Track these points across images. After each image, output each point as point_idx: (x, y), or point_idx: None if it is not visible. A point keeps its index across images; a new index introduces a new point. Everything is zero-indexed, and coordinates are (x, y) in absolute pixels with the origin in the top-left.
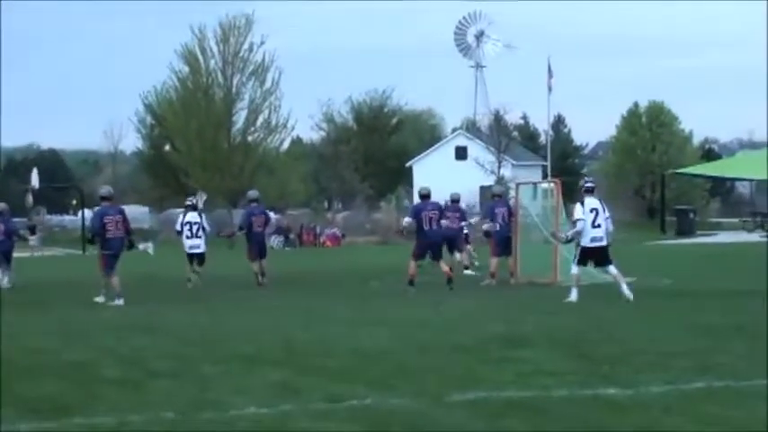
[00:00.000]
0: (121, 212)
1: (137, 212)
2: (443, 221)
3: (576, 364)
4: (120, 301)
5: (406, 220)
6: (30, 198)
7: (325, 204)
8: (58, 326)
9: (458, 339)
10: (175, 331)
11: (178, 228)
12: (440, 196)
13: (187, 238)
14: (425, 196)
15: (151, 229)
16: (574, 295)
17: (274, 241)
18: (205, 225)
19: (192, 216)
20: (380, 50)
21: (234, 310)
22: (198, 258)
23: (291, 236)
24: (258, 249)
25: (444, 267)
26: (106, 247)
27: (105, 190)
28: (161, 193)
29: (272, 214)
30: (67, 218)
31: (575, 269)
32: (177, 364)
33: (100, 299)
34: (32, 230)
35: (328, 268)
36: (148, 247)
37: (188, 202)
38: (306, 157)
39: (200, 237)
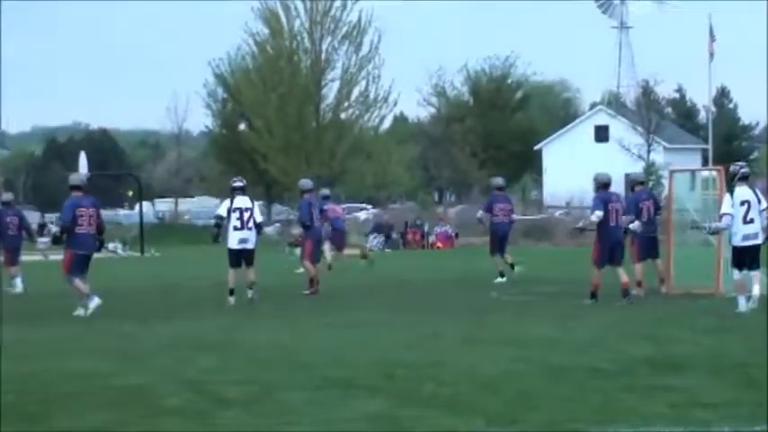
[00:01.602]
0: (95, 206)
1: (205, 205)
2: (625, 218)
3: (743, 393)
4: (82, 312)
5: (597, 213)
6: None
7: (435, 197)
8: (109, 344)
9: (595, 362)
10: (250, 351)
11: (223, 213)
12: (574, 185)
13: (235, 229)
14: (606, 185)
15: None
16: (742, 305)
17: (373, 241)
18: (257, 216)
19: (243, 201)
20: (501, 8)
21: (321, 325)
22: (246, 258)
23: (393, 235)
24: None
25: (623, 276)
26: (75, 245)
27: (77, 178)
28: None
29: (369, 208)
30: (122, 212)
31: (736, 275)
32: (252, 391)
33: (81, 312)
34: (42, 229)
35: (438, 275)
36: (117, 247)
37: (236, 184)
38: (411, 139)
39: (251, 229)
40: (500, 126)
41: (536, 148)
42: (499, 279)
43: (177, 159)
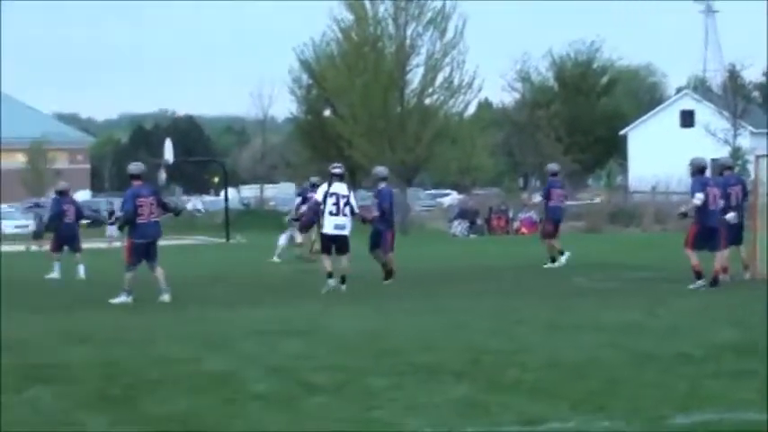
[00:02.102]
0: (155, 194)
1: (290, 192)
2: (721, 202)
3: None
4: (167, 297)
5: (698, 196)
6: (162, 175)
7: (520, 182)
8: (195, 330)
9: (681, 348)
10: (336, 337)
11: (319, 198)
12: (659, 171)
13: (331, 214)
14: (703, 169)
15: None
16: None
17: (457, 227)
18: (353, 203)
19: (339, 187)
20: None
21: (407, 311)
22: (340, 245)
23: (478, 221)
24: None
25: (719, 262)
26: (136, 235)
27: (136, 167)
28: (319, 167)
29: (454, 193)
30: (207, 198)
31: None
32: (338, 377)
33: (120, 298)
34: (110, 215)
35: (522, 261)
36: (197, 204)
37: (335, 170)
38: (496, 125)
39: (346, 215)
40: (585, 111)
41: (621, 133)
42: (549, 264)
43: (262, 146)
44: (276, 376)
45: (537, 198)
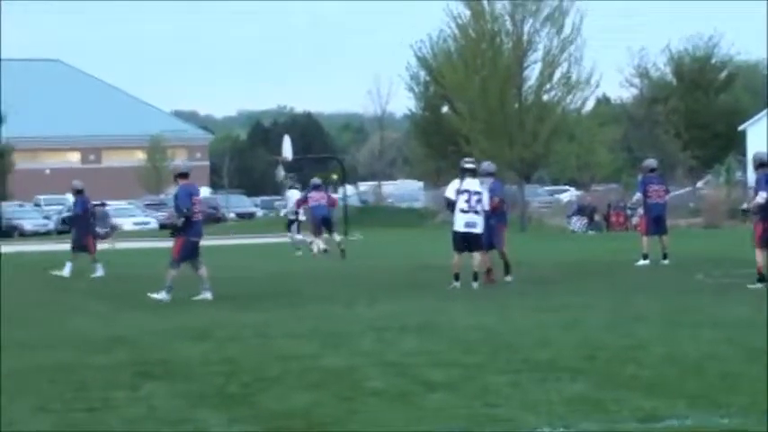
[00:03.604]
0: (199, 192)
1: (408, 188)
2: None
3: None
4: (209, 294)
5: (762, 194)
6: (281, 171)
7: (638, 178)
8: (313, 326)
9: None
10: (453, 333)
11: (451, 196)
12: None
13: (462, 211)
14: (763, 164)
15: (425, 208)
16: None
17: (576, 224)
18: (485, 200)
19: (471, 183)
20: None
21: (523, 308)
22: (472, 243)
23: (596, 217)
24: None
25: None
26: (191, 232)
27: (185, 166)
28: (437, 164)
29: (572, 190)
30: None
31: None
32: (455, 373)
33: (160, 295)
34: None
35: (640, 257)
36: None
37: (467, 165)
38: (614, 121)
39: (478, 212)
40: (704, 106)
41: (740, 128)
42: (642, 261)
43: (380, 142)
44: (394, 372)
45: (636, 196)
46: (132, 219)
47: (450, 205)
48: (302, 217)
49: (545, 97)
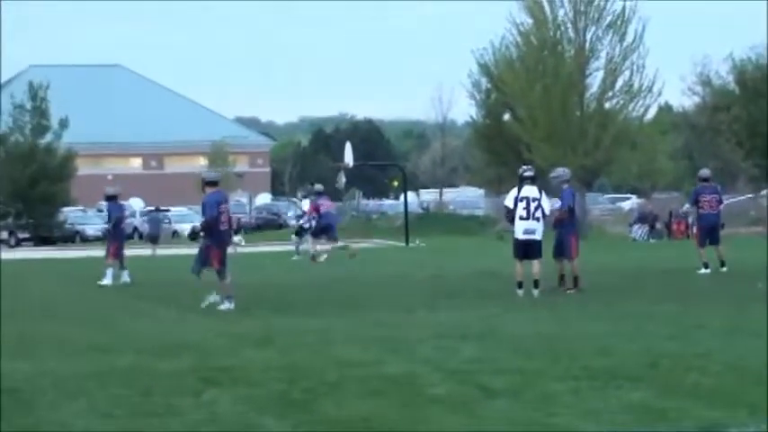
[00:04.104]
0: (227, 200)
1: (470, 195)
2: None
3: None
4: (231, 305)
5: None
6: (342, 178)
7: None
8: (374, 333)
9: None
10: (514, 340)
11: (509, 203)
12: None
13: (521, 219)
14: None
15: (486, 216)
16: None
17: (637, 232)
18: (545, 206)
19: (530, 190)
20: None
21: (584, 315)
22: (532, 250)
23: (658, 225)
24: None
25: None
26: (219, 242)
27: (214, 174)
28: (498, 172)
29: (634, 197)
30: (387, 202)
31: None
32: (516, 380)
33: (224, 305)
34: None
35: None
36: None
37: (526, 173)
38: (676, 129)
39: (537, 219)
40: (766, 115)
41: None
42: (703, 270)
43: (441, 149)
44: (454, 380)
45: (685, 206)
46: (192, 224)
47: (510, 213)
48: (307, 224)
49: (607, 105)
